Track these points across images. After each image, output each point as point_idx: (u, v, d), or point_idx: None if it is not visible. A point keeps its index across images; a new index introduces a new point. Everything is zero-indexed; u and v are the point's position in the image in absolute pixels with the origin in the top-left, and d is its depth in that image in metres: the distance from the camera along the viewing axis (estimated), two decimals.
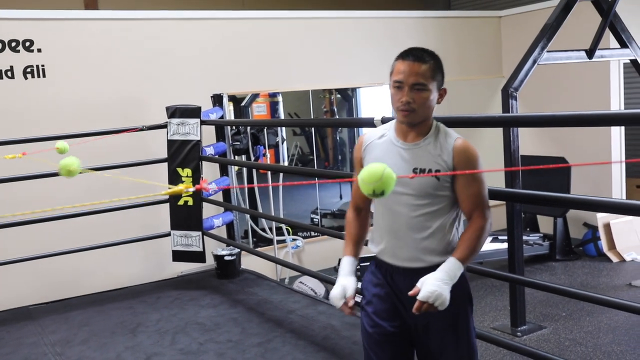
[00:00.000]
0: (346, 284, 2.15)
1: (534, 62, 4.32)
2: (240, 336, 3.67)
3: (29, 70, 4.68)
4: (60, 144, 2.82)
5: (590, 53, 4.60)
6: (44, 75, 4.73)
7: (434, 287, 1.95)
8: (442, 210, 2.10)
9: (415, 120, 2.06)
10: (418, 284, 1.98)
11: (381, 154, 2.14)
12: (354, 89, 8.89)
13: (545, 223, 6.33)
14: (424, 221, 2.09)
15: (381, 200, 2.09)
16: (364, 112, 9.72)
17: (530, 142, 6.47)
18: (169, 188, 1.37)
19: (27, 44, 4.67)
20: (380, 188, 1.23)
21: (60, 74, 4.79)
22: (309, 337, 3.60)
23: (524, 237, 5.78)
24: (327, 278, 4.09)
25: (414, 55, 2.04)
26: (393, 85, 2.07)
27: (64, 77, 4.80)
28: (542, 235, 6.18)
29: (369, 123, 2.95)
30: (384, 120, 2.77)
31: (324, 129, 9.20)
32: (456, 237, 2.15)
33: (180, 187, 1.35)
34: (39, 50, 4.71)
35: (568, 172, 5.92)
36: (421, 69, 2.02)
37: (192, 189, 1.37)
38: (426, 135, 2.10)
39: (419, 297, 1.95)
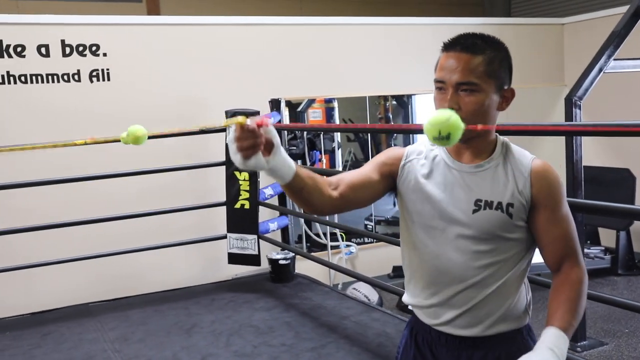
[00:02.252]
0: None
1: (600, 70, 4.20)
2: (293, 340, 3.67)
3: (94, 73, 4.82)
4: (136, 129, 2.74)
5: None
6: (108, 79, 4.86)
7: None
8: (510, 261, 1.56)
9: (464, 133, 1.46)
10: None
11: (431, 179, 1.59)
12: (409, 96, 8.83)
13: (607, 237, 6.13)
14: (486, 275, 1.55)
15: (425, 238, 1.60)
16: (418, 119, 9.65)
17: (594, 152, 6.29)
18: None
19: (94, 48, 4.80)
20: (446, 130, 1.16)
21: (123, 78, 4.91)
22: (363, 343, 3.58)
23: (585, 250, 5.62)
24: (381, 284, 4.06)
25: (462, 44, 1.51)
26: (435, 86, 1.55)
27: (127, 80, 4.92)
28: (603, 248, 5.99)
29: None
30: None
31: (379, 136, 9.16)
32: (524, 297, 1.63)
33: (239, 119, 1.25)
34: (105, 55, 4.84)
35: (633, 184, 5.72)
36: (471, 62, 1.49)
37: (249, 122, 1.24)
38: (490, 155, 1.57)
39: None
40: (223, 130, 4.71)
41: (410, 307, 1.72)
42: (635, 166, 5.95)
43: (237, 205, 4.67)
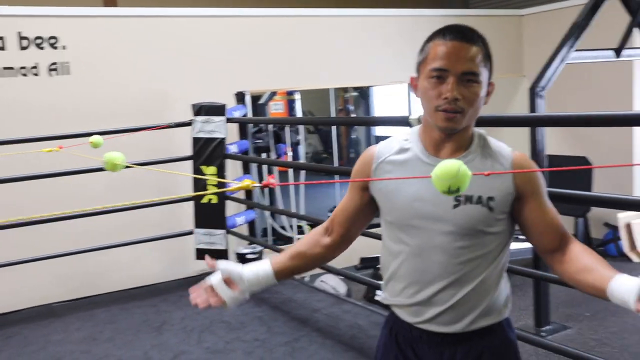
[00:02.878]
0: (225, 269, 1.57)
1: (562, 61, 4.28)
2: (266, 335, 3.67)
3: (53, 67, 4.68)
4: (95, 138, 2.81)
5: (617, 52, 4.56)
6: (68, 73, 4.73)
7: None
8: (490, 255, 1.53)
9: (460, 125, 1.46)
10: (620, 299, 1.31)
11: (400, 174, 1.55)
12: (369, 88, 8.87)
13: (567, 223, 6.25)
14: (467, 270, 1.51)
15: (404, 237, 1.56)
16: (377, 111, 9.71)
17: (555, 141, 6.43)
18: (234, 184, 1.34)
19: (52, 41, 4.67)
20: (456, 184, 1.16)
21: (85, 71, 4.78)
22: (336, 336, 3.59)
23: None
24: (352, 275, 4.08)
25: (460, 32, 1.46)
26: (429, 75, 1.46)
27: (88, 74, 4.80)
28: None
29: (403, 122, 2.90)
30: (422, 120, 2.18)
31: (340, 128, 9.17)
32: (503, 290, 1.60)
33: (246, 183, 1.30)
34: (64, 48, 4.71)
35: (590, 172, 5.88)
36: (472, 51, 1.44)
37: (258, 185, 1.32)
38: (468, 148, 1.52)
39: None
40: (189, 124, 4.66)
41: (389, 303, 1.67)
42: (591, 154, 6.11)
43: (205, 200, 4.62)
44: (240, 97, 4.99)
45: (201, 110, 4.57)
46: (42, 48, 4.64)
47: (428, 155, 1.52)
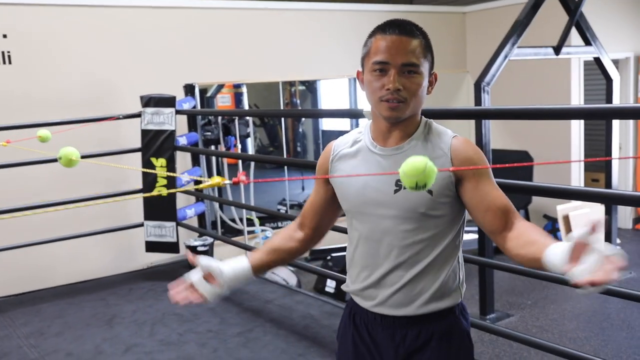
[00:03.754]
0: (206, 265, 1.61)
1: (505, 57, 4.43)
2: (220, 326, 3.67)
3: None
4: (43, 131, 2.76)
5: (557, 50, 4.75)
6: (10, 62, 4.60)
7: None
8: (437, 238, 1.58)
9: (403, 114, 1.54)
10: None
11: (354, 166, 1.63)
12: (315, 81, 8.92)
13: None
14: (413, 253, 1.57)
15: (357, 224, 1.64)
16: (324, 105, 9.76)
17: (498, 136, 6.64)
18: (204, 182, 1.34)
19: None
20: (423, 180, 1.21)
21: (27, 61, 4.66)
22: (289, 326, 3.63)
23: None
24: (302, 265, 4.12)
25: (399, 27, 1.53)
26: (371, 68, 1.53)
27: (31, 64, 4.68)
28: None
29: (358, 114, 2.96)
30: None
31: (287, 121, 9.19)
32: (456, 275, 1.64)
33: (216, 180, 1.31)
34: (4, 36, 4.57)
35: (530, 167, 6.10)
36: (411, 44, 1.51)
37: (228, 182, 1.34)
38: (412, 135, 1.59)
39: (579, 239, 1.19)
40: (138, 116, 4.60)
41: (349, 292, 1.74)
42: (531, 148, 6.35)
43: (155, 193, 4.57)
44: (189, 89, 4.95)
45: (150, 101, 4.52)
46: None
47: (375, 145, 1.60)
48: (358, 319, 1.70)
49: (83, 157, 4.24)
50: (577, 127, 6.31)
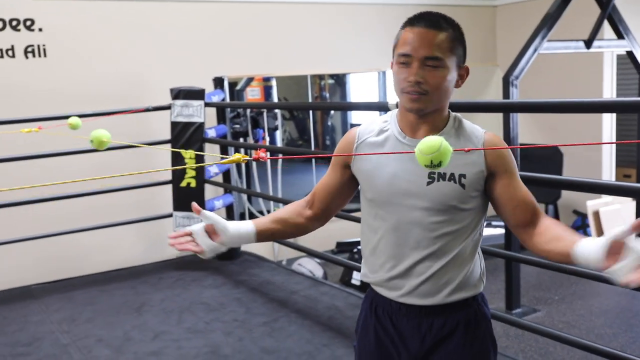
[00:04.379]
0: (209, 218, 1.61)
1: (535, 50, 4.39)
2: (245, 316, 3.73)
3: (30, 49, 4.66)
4: (73, 119, 2.82)
5: (588, 43, 4.69)
6: (45, 55, 4.71)
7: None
8: (465, 230, 1.61)
9: (427, 107, 1.55)
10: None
11: (382, 156, 1.63)
12: (344, 75, 8.93)
13: None
14: (441, 244, 1.60)
15: (383, 214, 1.65)
16: (353, 99, 9.77)
17: (527, 131, 6.58)
18: (221, 159, 1.39)
19: (28, 23, 4.64)
20: (437, 159, 1.23)
21: (61, 54, 4.77)
22: (314, 317, 3.67)
23: None
24: (331, 257, 4.16)
25: (427, 20, 1.54)
26: (397, 60, 1.56)
27: (65, 57, 4.79)
28: None
29: (383, 107, 2.97)
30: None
31: (315, 114, 9.22)
32: (478, 265, 1.68)
33: (237, 156, 1.35)
34: (40, 30, 4.69)
35: (560, 160, 6.04)
36: (437, 38, 1.52)
37: (249, 158, 1.38)
38: (442, 129, 1.60)
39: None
40: (168, 108, 4.68)
41: (369, 282, 1.74)
42: (562, 143, 6.28)
43: (183, 184, 4.65)
44: (218, 82, 5.01)
45: (180, 94, 4.59)
46: (18, 30, 4.61)
47: (404, 136, 1.61)
48: (380, 310, 1.70)
49: (114, 148, 4.33)
50: (608, 122, 6.22)
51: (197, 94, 4.59)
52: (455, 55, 1.56)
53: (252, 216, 6.02)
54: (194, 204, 1.63)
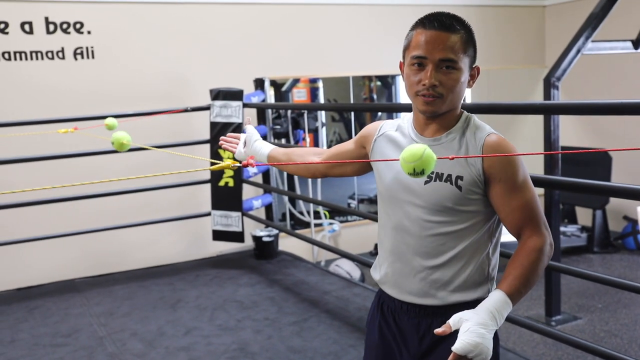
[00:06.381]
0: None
1: (578, 51, 4.28)
2: (276, 314, 3.77)
3: (79, 51, 4.83)
4: (109, 120, 2.92)
5: (636, 44, 4.54)
6: (93, 57, 4.88)
7: (476, 336, 1.37)
8: (465, 232, 1.59)
9: (440, 109, 1.55)
10: (450, 322, 1.44)
11: (393, 150, 1.67)
12: (393, 77, 8.90)
13: (584, 216, 6.28)
14: (437, 244, 1.60)
15: (388, 210, 1.69)
16: (402, 99, 9.73)
17: (574, 133, 6.41)
18: (211, 164, 1.43)
19: (78, 26, 4.81)
20: (420, 167, 1.24)
21: (108, 56, 4.93)
22: (344, 317, 3.67)
23: (561, 229, 5.76)
24: (364, 260, 4.15)
25: (440, 21, 1.53)
26: (410, 62, 1.56)
27: (111, 58, 4.94)
28: (580, 227, 6.13)
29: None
30: None
31: (363, 117, 9.22)
32: (484, 269, 1.64)
33: (226, 163, 1.40)
34: (89, 33, 4.85)
35: (609, 165, 5.86)
36: (450, 40, 1.51)
37: (237, 165, 1.43)
38: (450, 128, 1.60)
39: (455, 350, 1.38)
40: (207, 108, 4.77)
41: (377, 281, 1.78)
42: (611, 146, 6.08)
43: (222, 183, 4.73)
44: (259, 83, 5.08)
45: (219, 95, 4.67)
46: (68, 33, 4.78)
47: (415, 133, 1.64)
48: (385, 307, 1.74)
49: (155, 147, 4.44)
50: None
51: (235, 94, 4.66)
52: (468, 56, 1.56)
53: (292, 217, 6.07)
54: (246, 117, 2.21)
